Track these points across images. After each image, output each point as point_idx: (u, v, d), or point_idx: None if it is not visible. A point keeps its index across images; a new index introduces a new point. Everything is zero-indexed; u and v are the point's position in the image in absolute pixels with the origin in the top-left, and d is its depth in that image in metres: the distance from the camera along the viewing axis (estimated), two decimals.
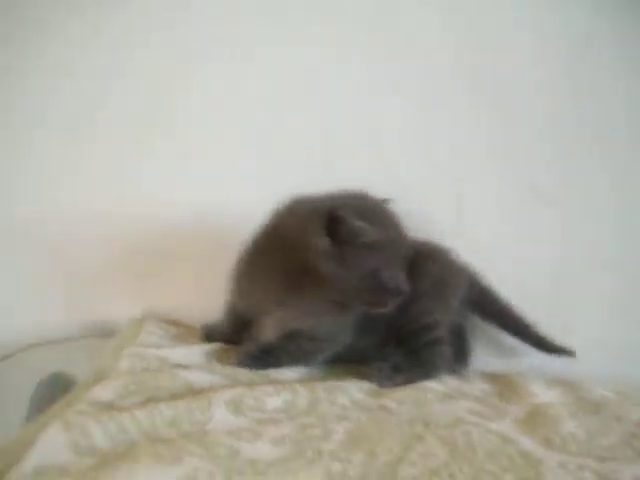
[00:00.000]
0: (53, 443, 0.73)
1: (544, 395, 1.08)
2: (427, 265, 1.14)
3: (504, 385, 1.13)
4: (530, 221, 1.29)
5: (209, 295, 1.18)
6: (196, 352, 1.08)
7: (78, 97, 1.30)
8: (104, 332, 1.18)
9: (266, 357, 1.06)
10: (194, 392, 0.91)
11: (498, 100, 1.29)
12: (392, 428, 0.87)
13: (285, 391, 0.94)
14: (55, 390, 0.88)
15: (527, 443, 0.89)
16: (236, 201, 1.23)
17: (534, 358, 1.25)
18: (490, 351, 1.28)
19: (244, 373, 1.02)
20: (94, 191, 1.30)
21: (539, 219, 1.29)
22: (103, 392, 0.87)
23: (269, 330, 1.11)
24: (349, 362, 1.14)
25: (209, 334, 1.19)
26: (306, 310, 1.05)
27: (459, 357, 1.19)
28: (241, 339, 1.16)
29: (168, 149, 1.31)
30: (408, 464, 0.78)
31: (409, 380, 1.07)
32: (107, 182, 1.31)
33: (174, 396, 0.89)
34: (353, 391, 1.00)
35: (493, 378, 1.18)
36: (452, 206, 1.29)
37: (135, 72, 1.30)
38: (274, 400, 0.92)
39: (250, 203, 1.07)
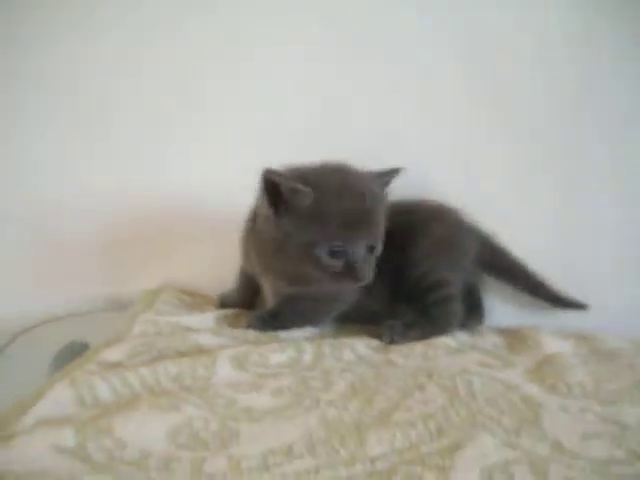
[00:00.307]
0: (59, 397, 0.76)
1: (556, 346, 1.08)
2: (431, 225, 1.15)
3: (516, 338, 1.13)
4: (531, 187, 1.28)
5: (225, 267, 1.22)
6: (208, 317, 1.11)
7: (91, 91, 1.32)
8: (124, 305, 1.21)
9: (274, 320, 1.08)
10: (202, 351, 0.93)
11: (500, 74, 1.28)
12: (394, 380, 0.88)
13: (290, 348, 0.96)
14: (73, 357, 0.91)
15: (532, 389, 0.90)
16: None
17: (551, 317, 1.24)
18: (508, 309, 1.26)
19: (254, 335, 1.04)
20: (118, 172, 1.33)
21: (540, 185, 1.28)
22: (112, 353, 0.90)
23: (268, 294, 1.13)
24: (359, 322, 1.15)
25: (224, 302, 1.22)
26: (284, 278, 1.05)
27: (473, 314, 1.19)
28: (254, 304, 1.19)
29: (186, 137, 1.33)
30: (404, 410, 0.80)
31: (421, 336, 1.08)
32: (129, 165, 1.33)
33: (181, 355, 0.92)
34: (360, 347, 1.02)
35: (506, 332, 1.18)
36: (459, 176, 1.29)
37: (144, 66, 1.33)
38: (278, 356, 0.94)
39: None
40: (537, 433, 0.76)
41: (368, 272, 0.98)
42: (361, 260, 0.97)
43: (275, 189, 0.94)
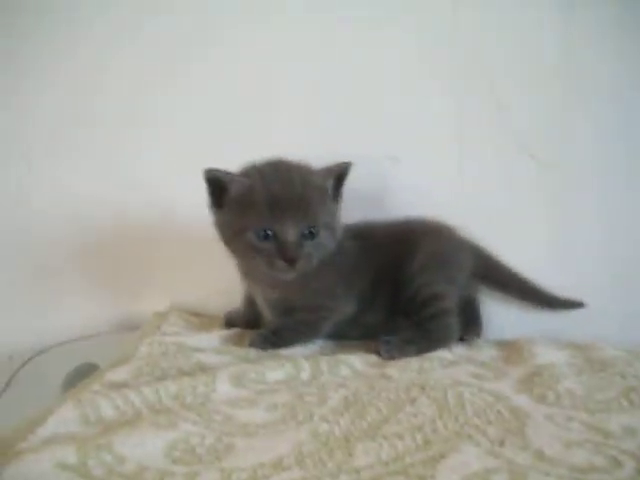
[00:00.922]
0: (65, 417, 0.81)
1: (549, 356, 1.10)
2: (425, 241, 1.18)
3: (512, 350, 1.16)
4: (529, 185, 1.31)
5: (232, 287, 1.26)
6: (213, 337, 1.15)
7: (71, 94, 1.37)
8: (134, 327, 1.26)
9: (275, 337, 1.12)
10: (204, 370, 0.97)
11: (495, 66, 1.30)
12: (388, 393, 0.91)
13: (288, 365, 1.00)
14: (82, 379, 0.95)
15: (521, 400, 0.92)
16: None
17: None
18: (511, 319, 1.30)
19: (255, 353, 1.09)
20: (126, 194, 1.37)
21: (537, 183, 1.30)
22: (118, 374, 0.95)
23: (264, 310, 1.18)
24: (358, 337, 1.18)
25: (230, 321, 1.26)
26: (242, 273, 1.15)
27: (471, 327, 1.22)
28: (259, 323, 1.22)
29: (197, 157, 1.37)
30: (394, 423, 0.83)
31: (418, 351, 1.11)
32: (135, 186, 1.37)
33: (184, 374, 0.96)
34: (357, 363, 1.05)
35: (503, 344, 1.20)
36: (453, 173, 1.31)
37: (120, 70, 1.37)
38: (276, 373, 0.97)
39: None
40: (521, 442, 0.78)
41: (303, 256, 1.04)
42: (292, 242, 1.03)
43: (218, 186, 1.04)
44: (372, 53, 1.31)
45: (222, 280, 1.28)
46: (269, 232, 1.02)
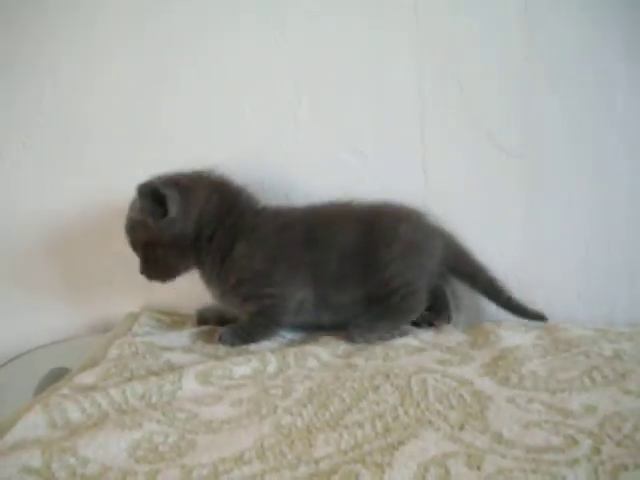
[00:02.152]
0: (33, 421, 0.82)
1: (515, 339, 1.12)
2: (398, 229, 1.19)
3: (479, 334, 1.17)
4: (497, 173, 1.31)
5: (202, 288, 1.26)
6: (183, 335, 1.16)
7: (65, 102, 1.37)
8: (108, 329, 1.26)
9: (242, 331, 1.13)
10: (172, 369, 0.98)
11: (459, 57, 1.30)
12: (352, 383, 0.93)
13: (255, 359, 1.01)
14: (54, 383, 0.96)
15: (484, 384, 0.93)
16: None
17: None
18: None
19: (224, 350, 1.10)
20: (100, 196, 1.37)
21: (505, 171, 1.31)
22: (86, 377, 0.96)
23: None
24: (331, 324, 1.20)
25: (202, 318, 1.27)
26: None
27: (440, 315, 1.22)
28: (231, 319, 1.23)
29: (157, 149, 1.37)
30: (356, 412, 0.84)
31: (389, 326, 1.15)
32: (110, 187, 1.37)
33: (153, 374, 0.97)
34: (324, 354, 1.06)
35: (471, 329, 1.22)
36: (417, 163, 1.31)
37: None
38: (242, 368, 0.99)
39: None
40: (480, 426, 0.79)
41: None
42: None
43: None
44: (332, 48, 1.31)
45: (194, 279, 1.29)
46: None
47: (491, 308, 1.27)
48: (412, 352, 1.08)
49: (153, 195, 1.11)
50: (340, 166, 1.29)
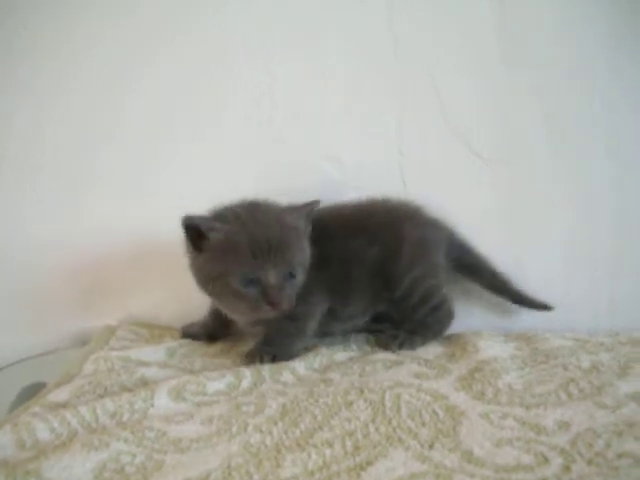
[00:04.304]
0: (1, 442, 0.81)
1: (493, 350, 1.11)
2: (405, 228, 1.18)
3: (457, 346, 1.16)
4: (476, 180, 1.31)
5: (186, 300, 1.26)
6: (160, 349, 1.15)
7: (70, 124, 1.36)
8: (86, 343, 1.26)
9: (269, 347, 1.12)
10: (146, 385, 0.98)
11: (435, 61, 1.30)
12: (326, 398, 0.92)
13: (230, 374, 1.00)
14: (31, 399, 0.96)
15: (459, 398, 0.93)
16: None
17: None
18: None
19: (201, 364, 1.09)
20: (79, 210, 1.37)
21: (484, 178, 1.31)
22: (59, 394, 0.95)
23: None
24: (341, 332, 1.22)
25: (187, 333, 1.26)
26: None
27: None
28: (223, 334, 1.24)
29: (142, 172, 1.37)
30: (327, 429, 0.84)
31: (424, 341, 1.17)
32: (89, 201, 1.37)
33: (127, 390, 0.96)
34: (300, 368, 1.06)
35: (450, 340, 1.21)
36: (396, 173, 1.32)
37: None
38: (216, 384, 0.98)
39: None
40: (451, 444, 0.79)
41: (285, 298, 1.03)
42: (276, 287, 1.02)
43: (195, 231, 1.02)
44: (308, 53, 1.31)
45: (173, 291, 1.31)
46: (252, 277, 1.02)
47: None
48: (389, 366, 1.07)
49: None
50: (318, 175, 1.29)
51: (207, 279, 1.05)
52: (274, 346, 1.12)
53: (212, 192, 1.10)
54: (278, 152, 1.29)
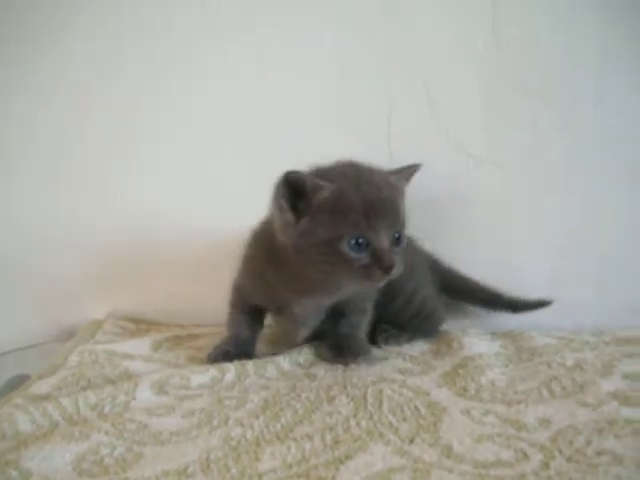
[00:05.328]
0: None
1: (478, 347, 1.11)
2: None
3: (443, 342, 1.17)
4: (466, 180, 1.31)
5: (167, 296, 1.30)
6: (145, 343, 1.16)
7: (63, 114, 1.37)
8: (73, 336, 1.26)
9: (351, 341, 1.11)
10: (129, 378, 0.98)
11: (429, 64, 1.30)
12: (308, 393, 0.93)
13: (214, 369, 1.00)
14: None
15: (441, 394, 0.93)
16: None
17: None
18: None
19: (184, 358, 1.09)
20: (67, 204, 1.37)
21: (474, 178, 1.31)
22: (42, 386, 0.95)
23: (293, 328, 1.13)
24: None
25: (219, 355, 1.09)
26: (318, 287, 1.01)
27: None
28: (255, 344, 1.15)
29: (134, 168, 1.37)
30: (308, 424, 0.83)
31: (410, 339, 1.17)
32: (77, 196, 1.38)
33: (110, 382, 0.96)
34: (285, 363, 1.05)
35: (436, 337, 1.21)
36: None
37: (118, 86, 1.37)
38: (200, 377, 0.98)
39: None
40: (431, 439, 0.78)
41: (395, 260, 0.93)
42: (387, 250, 0.93)
43: (294, 190, 0.92)
44: (296, 51, 1.32)
45: (159, 286, 1.32)
46: (364, 241, 0.91)
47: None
48: (374, 362, 1.07)
49: None
50: None
51: (310, 245, 0.92)
52: (361, 341, 1.11)
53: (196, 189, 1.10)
54: (270, 150, 1.28)
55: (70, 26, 1.35)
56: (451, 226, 1.30)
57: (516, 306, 1.26)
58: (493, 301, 1.27)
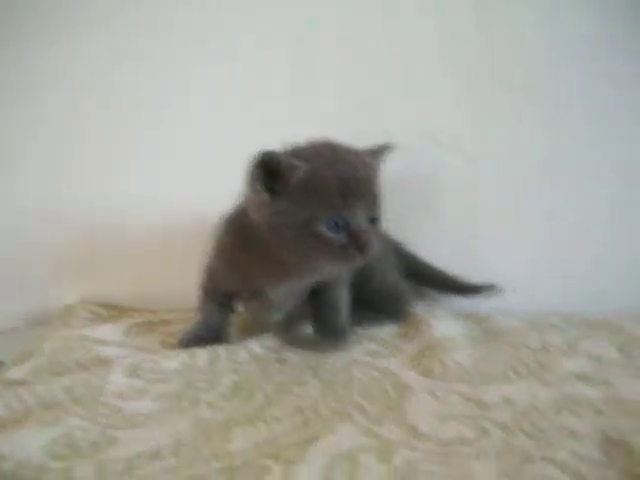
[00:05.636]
0: None
1: (445, 329, 1.14)
2: None
3: (411, 325, 1.19)
4: (449, 176, 1.33)
5: (139, 281, 1.31)
6: (118, 328, 1.17)
7: (66, 102, 1.37)
8: (47, 322, 1.26)
9: (343, 324, 1.12)
10: (102, 363, 0.99)
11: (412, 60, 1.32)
12: (280, 377, 0.94)
13: (185, 353, 1.01)
14: None
15: (409, 375, 0.96)
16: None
17: None
18: None
19: (157, 343, 1.11)
20: (38, 188, 1.38)
21: (457, 172, 1.33)
22: (16, 372, 0.96)
23: (265, 312, 1.13)
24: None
25: (190, 341, 1.09)
26: (293, 269, 1.00)
27: None
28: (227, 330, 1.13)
29: (104, 152, 1.38)
30: (278, 406, 0.85)
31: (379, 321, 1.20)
32: (51, 180, 1.38)
33: (83, 368, 0.97)
34: (256, 347, 1.07)
35: (406, 320, 1.23)
36: None
37: (118, 86, 1.37)
38: (171, 362, 0.99)
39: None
40: (397, 419, 0.81)
41: (372, 240, 0.92)
42: (364, 230, 0.92)
43: (272, 170, 0.90)
44: (296, 51, 1.34)
45: (131, 271, 1.32)
46: (341, 221, 0.90)
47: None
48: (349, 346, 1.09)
49: None
50: None
51: (285, 226, 0.92)
52: (343, 323, 1.11)
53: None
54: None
55: (70, 26, 1.35)
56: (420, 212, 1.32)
57: (468, 290, 1.29)
58: (446, 285, 1.31)
